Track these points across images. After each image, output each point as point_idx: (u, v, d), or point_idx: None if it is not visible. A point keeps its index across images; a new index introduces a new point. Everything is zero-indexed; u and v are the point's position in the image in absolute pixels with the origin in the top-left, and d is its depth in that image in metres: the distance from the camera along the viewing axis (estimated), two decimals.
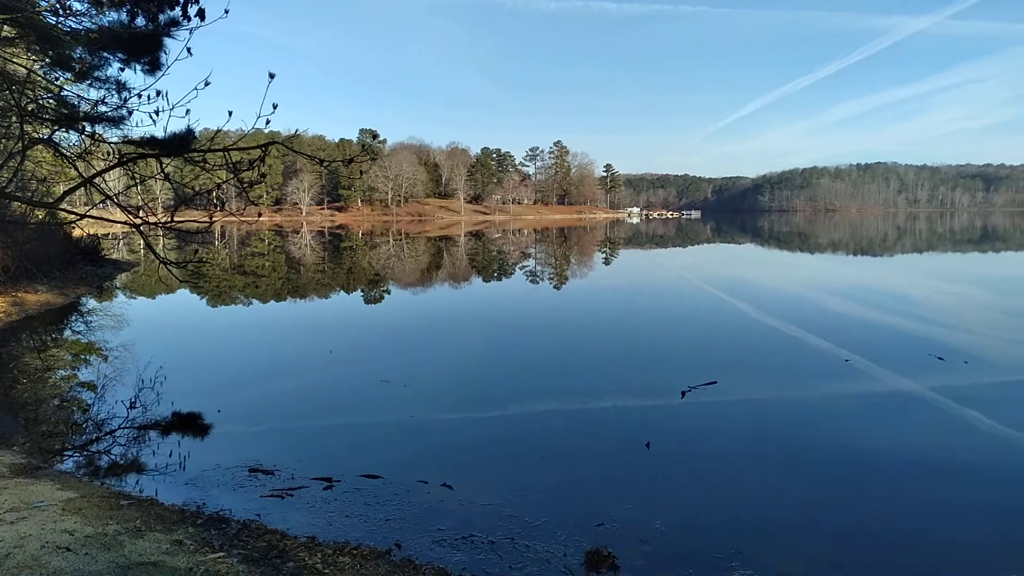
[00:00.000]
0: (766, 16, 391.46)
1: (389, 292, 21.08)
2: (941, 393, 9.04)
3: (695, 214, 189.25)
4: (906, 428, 7.86)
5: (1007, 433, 7.53)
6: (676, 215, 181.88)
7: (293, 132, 7.59)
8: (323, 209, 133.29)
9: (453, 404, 8.82)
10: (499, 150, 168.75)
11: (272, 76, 6.45)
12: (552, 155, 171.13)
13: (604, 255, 39.33)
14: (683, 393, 8.95)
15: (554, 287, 22.90)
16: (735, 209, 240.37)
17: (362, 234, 67.59)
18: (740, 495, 5.96)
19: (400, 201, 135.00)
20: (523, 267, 30.01)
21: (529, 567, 4.70)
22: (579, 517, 5.45)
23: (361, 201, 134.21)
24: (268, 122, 6.34)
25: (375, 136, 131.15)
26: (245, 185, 6.90)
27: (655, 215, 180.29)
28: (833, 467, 6.66)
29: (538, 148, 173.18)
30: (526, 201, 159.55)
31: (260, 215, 15.15)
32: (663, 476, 6.42)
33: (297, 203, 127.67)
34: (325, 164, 7.28)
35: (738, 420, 8.09)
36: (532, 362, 11.35)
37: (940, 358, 10.89)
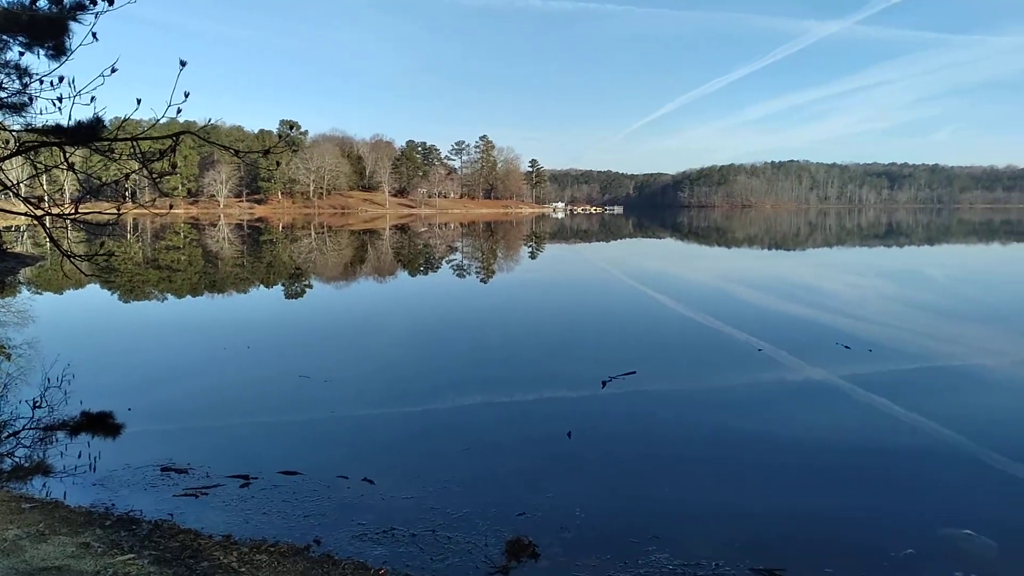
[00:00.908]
0: (687, 16, 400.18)
1: (311, 287, 20.72)
2: (849, 380, 9.49)
3: (618, 209, 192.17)
4: (817, 413, 8.25)
5: (910, 417, 7.94)
6: (600, 210, 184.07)
7: (207, 122, 7.38)
8: (242, 201, 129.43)
9: (376, 399, 8.76)
10: (424, 143, 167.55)
11: (183, 64, 6.24)
12: (478, 149, 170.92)
13: (530, 249, 39.63)
14: (604, 383, 9.14)
15: (481, 281, 22.95)
16: (656, 205, 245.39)
17: (282, 227, 66.08)
18: (658, 481, 6.14)
19: (322, 194, 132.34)
20: (450, 261, 29.96)
21: (451, 558, 4.73)
22: (501, 507, 5.51)
23: (282, 194, 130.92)
24: (179, 111, 6.14)
25: (292, 127, 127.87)
26: (155, 176, 6.67)
27: (579, 210, 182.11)
28: (747, 452, 6.91)
29: (464, 142, 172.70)
30: (452, 195, 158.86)
31: (171, 207, 14.63)
32: (584, 464, 6.54)
33: (214, 195, 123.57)
34: (240, 155, 7.10)
35: (656, 408, 8.32)
36: (457, 356, 11.39)
37: (846, 347, 11.43)
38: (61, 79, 6.85)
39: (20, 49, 7.88)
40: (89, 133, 6.91)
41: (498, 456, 6.81)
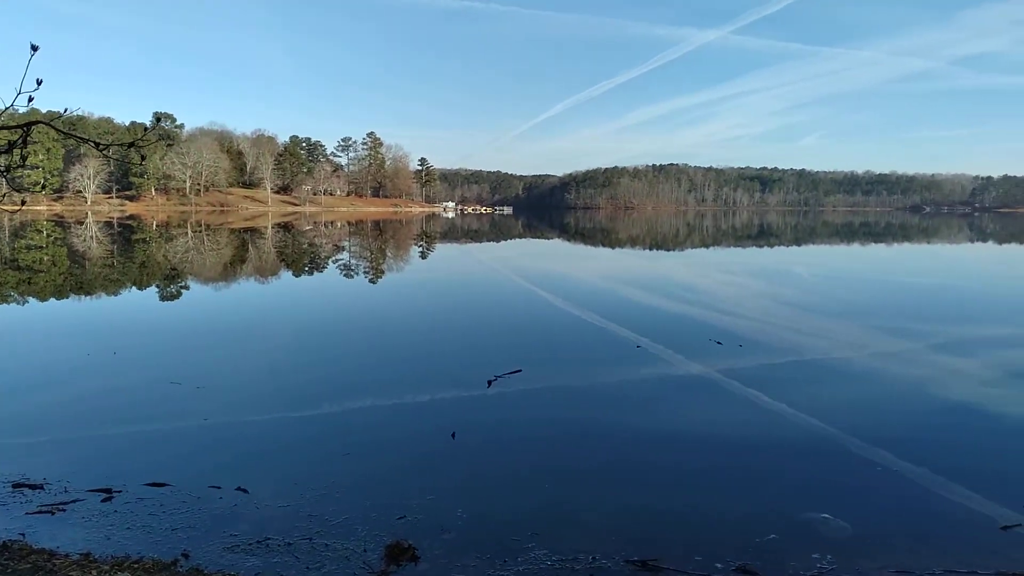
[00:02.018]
0: (573, 20, 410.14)
1: (187, 288, 19.72)
2: (724, 374, 9.92)
3: (507, 210, 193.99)
4: (693, 406, 8.58)
5: (782, 408, 8.37)
6: (490, 210, 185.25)
7: (63, 112, 6.85)
8: (111, 198, 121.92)
9: (253, 405, 8.42)
10: (309, 139, 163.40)
11: (35, 48, 5.78)
12: (366, 146, 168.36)
13: (420, 249, 39.35)
14: (490, 383, 9.18)
15: (369, 281, 22.58)
16: (544, 206, 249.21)
17: (156, 225, 62.67)
18: (540, 478, 6.20)
19: (200, 190, 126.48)
20: (336, 261, 29.28)
21: (328, 565, 4.61)
22: (381, 512, 5.41)
23: (156, 190, 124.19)
24: (31, 99, 5.67)
25: (160, 118, 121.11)
26: (2, 170, 6.14)
27: (470, 210, 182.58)
28: (627, 446, 7.10)
29: (351, 139, 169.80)
30: (339, 192, 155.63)
31: (24, 202, 13.52)
32: (467, 465, 6.53)
33: (81, 191, 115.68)
34: (101, 147, 6.64)
35: (541, 406, 8.43)
36: (341, 359, 11.15)
37: (719, 342, 11.98)
38: None
39: None
40: None
41: (380, 459, 6.70)
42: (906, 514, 5.57)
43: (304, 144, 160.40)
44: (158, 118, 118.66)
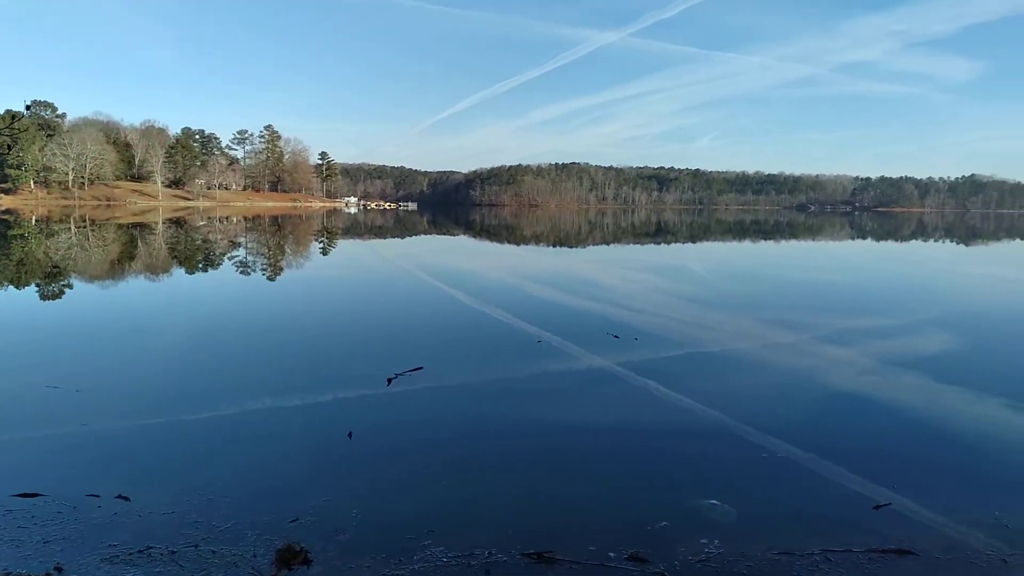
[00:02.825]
0: (478, 17, 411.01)
1: (70, 287, 18.46)
2: (625, 366, 10.10)
3: (412, 206, 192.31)
4: (595, 399, 8.71)
5: (678, 398, 8.59)
6: (394, 206, 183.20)
7: None
8: None
9: (138, 409, 7.94)
10: (203, 131, 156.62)
11: None
12: (263, 139, 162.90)
13: (322, 245, 38.38)
14: (389, 381, 9.00)
15: (267, 278, 21.81)
16: (450, 202, 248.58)
17: (36, 220, 58.61)
18: (439, 476, 6.14)
19: (84, 183, 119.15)
20: (232, 258, 28.14)
21: (214, 573, 4.40)
22: (272, 516, 5.23)
23: (35, 183, 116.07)
24: None
25: (29, 107, 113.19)
26: None
27: (373, 205, 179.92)
28: (528, 440, 7.13)
29: (247, 131, 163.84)
30: (235, 187, 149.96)
31: None
32: (364, 465, 6.40)
33: None
34: None
35: (442, 403, 8.35)
36: (235, 359, 10.69)
37: (616, 336, 12.19)
38: None
39: None
40: None
41: (273, 462, 6.45)
42: (789, 497, 5.84)
43: (197, 136, 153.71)
44: (27, 106, 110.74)
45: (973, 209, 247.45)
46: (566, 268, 27.63)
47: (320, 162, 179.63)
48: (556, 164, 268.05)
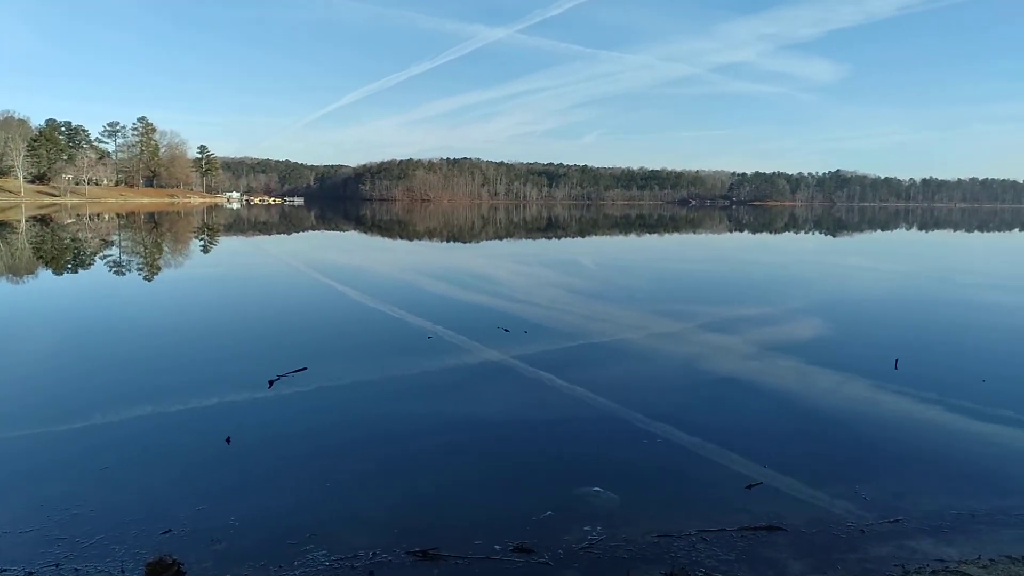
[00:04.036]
0: (365, 9, 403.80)
1: None
2: (518, 359, 10.18)
3: (298, 201, 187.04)
4: (485, 393, 8.75)
5: (569, 389, 8.74)
6: (279, 201, 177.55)
7: None
8: None
9: None
10: (70, 123, 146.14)
11: None
12: (136, 132, 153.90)
13: (203, 243, 36.62)
14: (271, 383, 8.67)
15: (144, 278, 20.55)
16: (338, 197, 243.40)
17: None
18: (322, 478, 5.97)
19: None
20: (105, 257, 26.37)
21: None
22: (143, 528, 4.94)
23: None
24: None
25: None
26: None
27: (257, 201, 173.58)
28: (415, 437, 7.05)
29: (119, 124, 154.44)
30: (106, 182, 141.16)
31: None
32: (243, 470, 6.15)
33: None
34: None
35: (326, 403, 8.13)
36: (104, 365, 10.03)
37: (506, 329, 12.25)
38: None
39: None
40: None
41: (144, 472, 6.09)
42: (669, 481, 6.05)
43: (64, 128, 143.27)
44: None
45: (839, 202, 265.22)
46: (459, 263, 27.58)
47: (199, 156, 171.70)
48: (448, 159, 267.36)
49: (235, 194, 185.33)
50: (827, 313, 15.05)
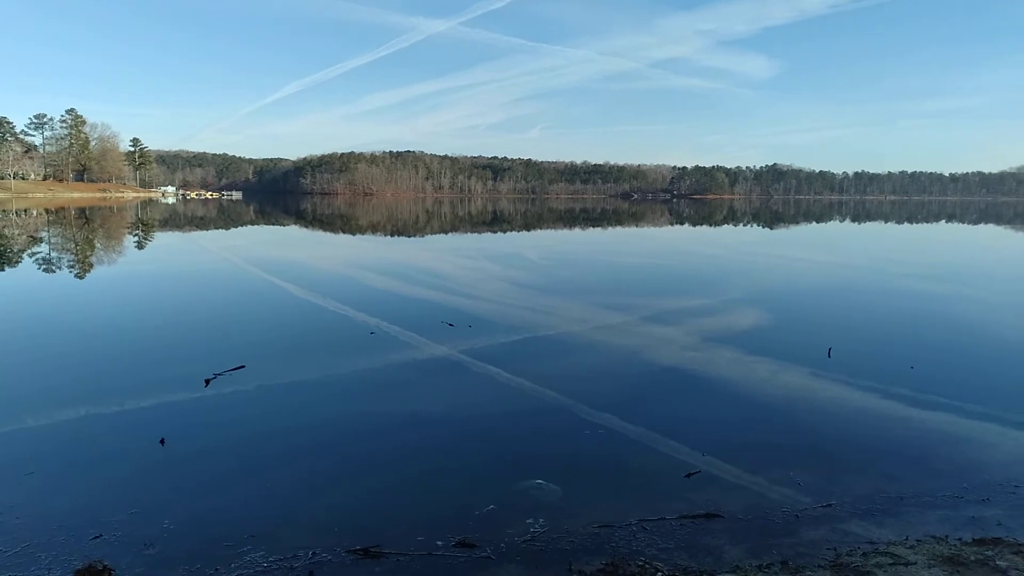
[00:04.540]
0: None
1: None
2: (464, 353, 10.17)
3: (237, 195, 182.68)
4: (429, 388, 8.67)
5: (515, 382, 8.77)
6: (217, 195, 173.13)
7: None
8: None
9: None
10: None
11: None
12: (65, 125, 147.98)
13: (137, 239, 35.45)
14: (207, 382, 8.46)
15: (75, 276, 19.76)
16: (278, 191, 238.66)
17: None
18: (259, 478, 5.87)
19: None
20: (33, 255, 25.26)
21: None
22: (71, 534, 4.77)
23: None
24: None
25: None
26: None
27: (193, 195, 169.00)
28: (357, 434, 7.01)
29: (46, 116, 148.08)
30: (34, 176, 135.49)
31: None
32: (178, 473, 5.98)
33: None
34: None
35: (265, 402, 7.97)
36: (32, 366, 9.61)
37: (450, 324, 12.21)
38: None
39: None
40: None
41: (72, 477, 5.87)
42: (611, 472, 6.12)
43: None
44: None
45: (776, 195, 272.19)
46: (403, 258, 27.34)
47: (132, 149, 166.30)
48: (391, 152, 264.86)
49: (170, 188, 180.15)
50: (765, 303, 15.43)
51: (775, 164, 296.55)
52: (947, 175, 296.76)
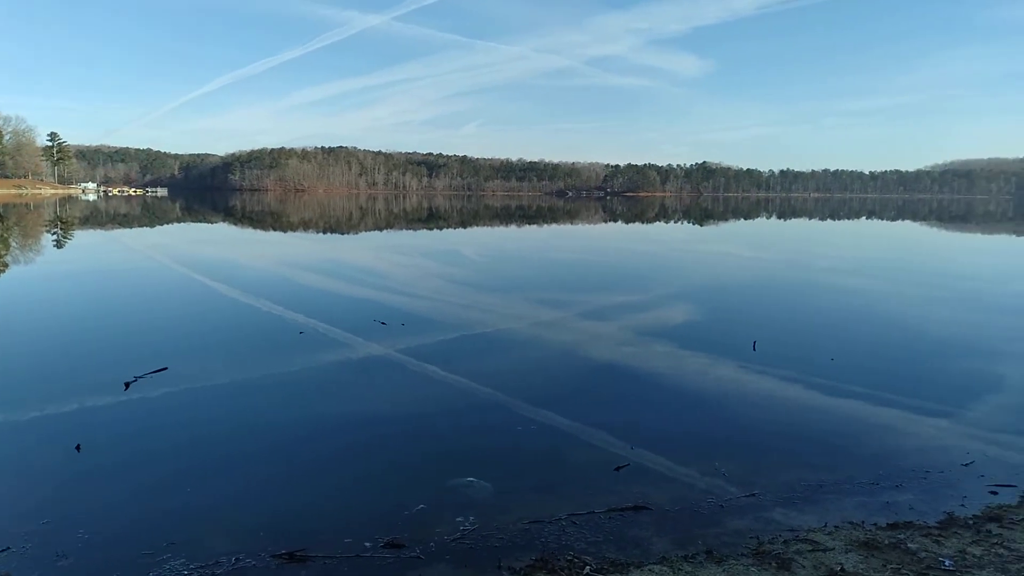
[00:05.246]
0: None
1: None
2: (401, 352, 10.08)
3: (162, 191, 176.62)
4: (364, 388, 8.58)
5: (450, 379, 8.76)
6: (141, 192, 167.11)
7: None
8: None
9: None
10: None
11: None
12: None
13: (55, 237, 33.88)
14: (127, 384, 8.16)
15: None
16: (206, 187, 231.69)
17: None
18: (181, 483, 5.69)
19: None
20: None
21: None
22: None
23: None
24: None
25: None
26: None
27: (116, 191, 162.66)
28: (284, 437, 6.85)
29: None
30: None
31: None
32: (94, 479, 5.76)
33: None
34: None
35: (187, 405, 7.72)
36: None
37: (382, 323, 12.09)
38: None
39: None
40: None
41: None
42: (542, 467, 6.16)
43: None
44: None
45: (705, 192, 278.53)
46: (336, 255, 26.90)
47: (50, 144, 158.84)
48: (323, 148, 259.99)
49: (91, 185, 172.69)
50: (695, 299, 15.79)
51: (705, 162, 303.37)
52: (867, 173, 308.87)
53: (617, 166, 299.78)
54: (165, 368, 8.84)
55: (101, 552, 4.54)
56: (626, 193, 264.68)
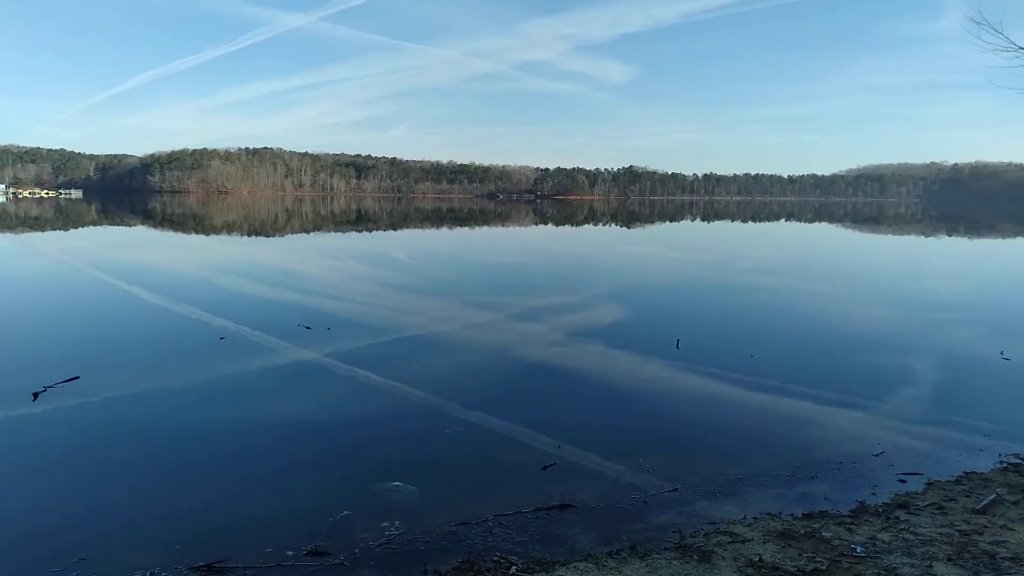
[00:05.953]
0: None
1: None
2: (326, 357, 9.94)
3: (76, 193, 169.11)
4: (288, 394, 8.44)
5: (384, 383, 8.70)
6: (54, 194, 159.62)
7: None
8: None
9: None
10: None
11: None
12: None
13: None
14: (36, 395, 7.77)
15: None
16: (124, 189, 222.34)
17: None
18: (93, 496, 5.47)
19: None
20: None
21: None
22: None
23: None
24: None
25: None
26: None
27: (26, 194, 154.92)
28: (204, 446, 6.67)
29: None
30: None
31: None
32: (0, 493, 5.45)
33: None
34: None
35: (99, 416, 7.43)
36: None
37: (307, 327, 11.86)
38: None
39: None
40: None
41: None
42: (470, 469, 6.18)
43: None
44: None
45: (632, 196, 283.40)
46: (260, 258, 26.27)
47: None
48: (247, 149, 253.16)
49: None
50: (622, 299, 16.07)
51: (631, 166, 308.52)
52: (786, 177, 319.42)
53: (547, 169, 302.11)
54: (77, 377, 8.45)
55: (5, 567, 4.32)
56: (556, 196, 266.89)
